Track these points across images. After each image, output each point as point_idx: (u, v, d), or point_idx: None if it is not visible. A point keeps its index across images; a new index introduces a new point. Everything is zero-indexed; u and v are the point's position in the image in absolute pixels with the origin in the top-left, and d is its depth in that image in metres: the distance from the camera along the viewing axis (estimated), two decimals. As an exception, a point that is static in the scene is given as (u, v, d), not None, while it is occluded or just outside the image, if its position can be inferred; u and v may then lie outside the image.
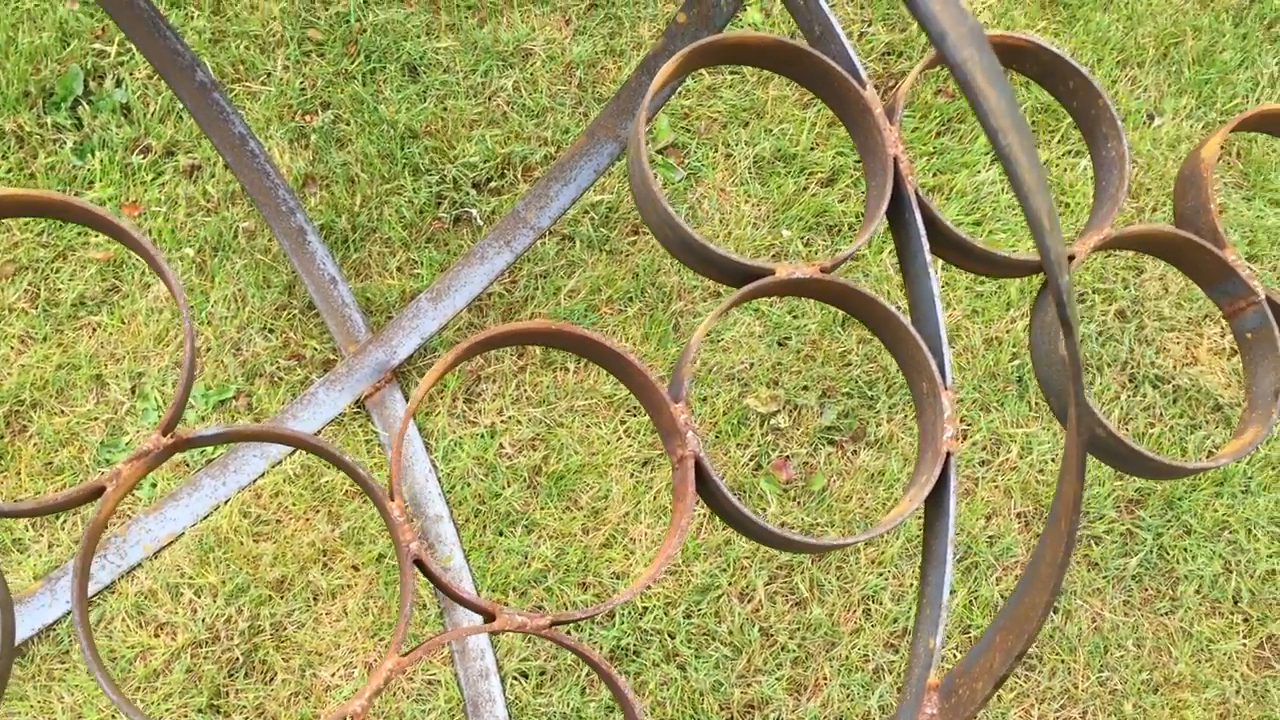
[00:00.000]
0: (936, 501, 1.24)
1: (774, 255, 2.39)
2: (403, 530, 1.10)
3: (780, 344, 2.29)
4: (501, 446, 2.18)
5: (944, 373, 1.24)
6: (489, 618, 1.06)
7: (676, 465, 1.19)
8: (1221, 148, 2.48)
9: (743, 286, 1.24)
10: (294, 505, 2.10)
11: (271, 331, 2.24)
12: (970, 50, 0.57)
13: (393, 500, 1.08)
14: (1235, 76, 2.58)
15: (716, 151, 2.46)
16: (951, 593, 2.08)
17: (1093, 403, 1.25)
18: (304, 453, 2.15)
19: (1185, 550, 2.14)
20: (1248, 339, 1.39)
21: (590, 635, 2.03)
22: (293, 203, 2.12)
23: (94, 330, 2.21)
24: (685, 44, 1.79)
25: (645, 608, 2.06)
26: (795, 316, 2.30)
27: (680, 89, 2.54)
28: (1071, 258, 1.35)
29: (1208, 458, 1.54)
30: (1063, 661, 2.07)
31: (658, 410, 1.19)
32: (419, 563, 1.12)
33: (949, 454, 1.24)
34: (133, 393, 2.16)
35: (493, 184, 2.41)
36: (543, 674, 2.01)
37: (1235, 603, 2.12)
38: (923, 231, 1.32)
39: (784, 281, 1.26)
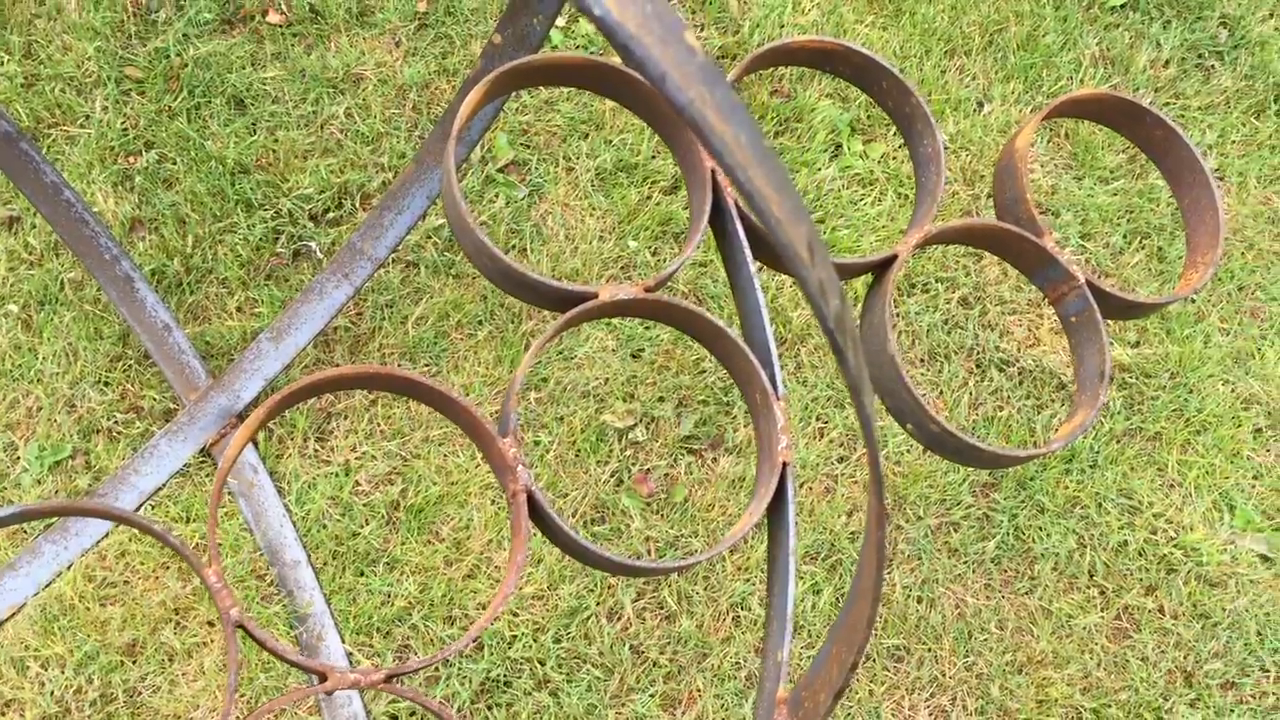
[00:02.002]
0: (777, 512, 1.24)
1: (622, 267, 2.38)
2: (223, 596, 1.05)
3: (634, 356, 2.28)
4: (357, 484, 2.13)
5: (775, 384, 1.24)
6: (321, 678, 1.03)
7: (510, 501, 1.17)
8: (1047, 131, 2.54)
9: (566, 312, 1.23)
10: (141, 564, 2.02)
11: (107, 385, 2.15)
12: (698, 89, 0.55)
13: (210, 567, 1.04)
14: (1058, 59, 2.65)
15: (558, 166, 2.44)
16: (817, 593, 2.10)
17: (922, 397, 1.26)
18: (148, 508, 2.07)
19: (1040, 529, 2.19)
20: (1072, 323, 1.42)
21: (460, 669, 2.00)
22: (116, 250, 2.04)
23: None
24: (502, 64, 1.77)
25: (514, 636, 2.03)
26: (647, 328, 2.29)
27: (518, 104, 2.51)
28: (894, 257, 1.36)
29: (1042, 443, 1.57)
30: (930, 650, 2.10)
31: (487, 446, 1.17)
32: (242, 627, 1.08)
33: (785, 465, 1.24)
34: (-39, 460, 2.06)
35: (330, 215, 2.36)
36: (413, 714, 1.97)
37: (1091, 577, 2.17)
38: (745, 243, 1.31)
39: (608, 304, 1.25)
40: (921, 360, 2.32)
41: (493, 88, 1.30)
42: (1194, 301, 2.43)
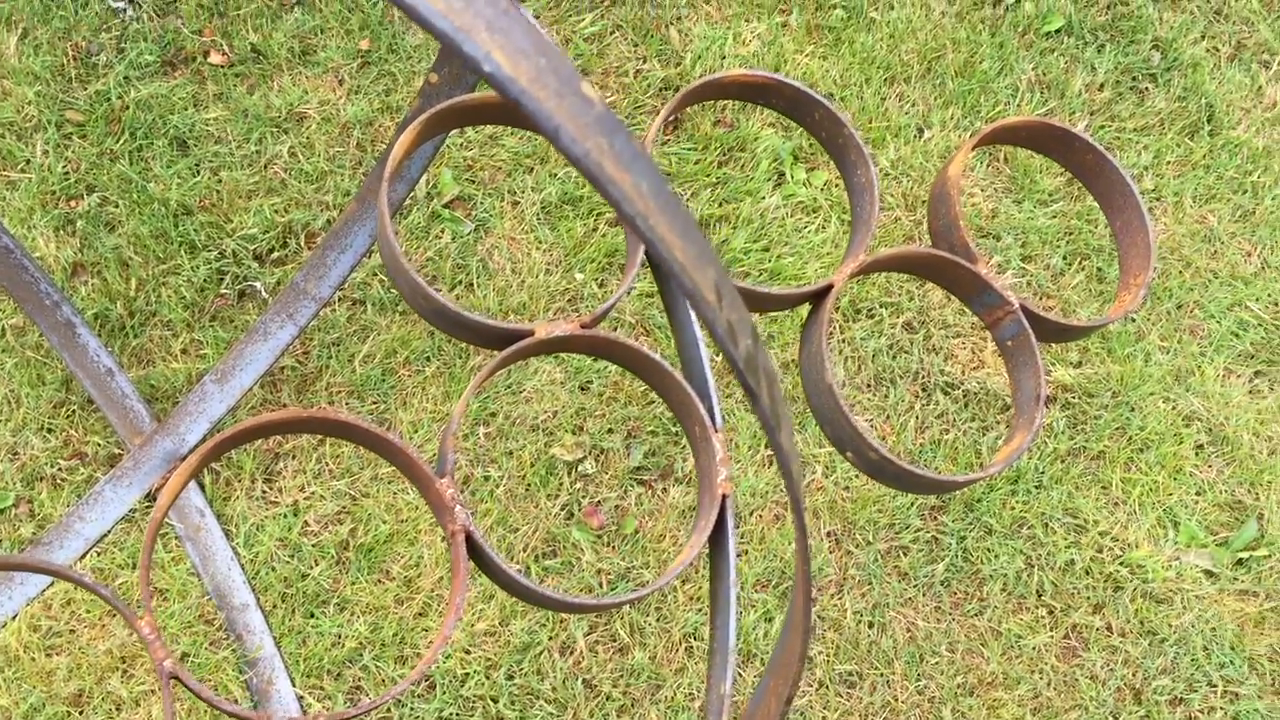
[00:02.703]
0: (718, 544, 1.25)
1: (570, 299, 2.39)
2: (155, 648, 1.05)
3: (582, 389, 2.29)
4: (306, 524, 2.12)
5: (713, 416, 1.25)
6: (255, 728, 1.03)
7: (449, 541, 1.17)
8: (986, 156, 2.58)
9: (504, 349, 1.24)
10: (87, 613, 2.00)
11: (50, 431, 2.13)
12: (595, 139, 0.56)
13: (143, 618, 1.04)
14: (996, 84, 2.69)
15: (503, 200, 2.45)
16: (769, 620, 2.10)
17: (868, 423, 1.27)
18: (94, 555, 2.05)
19: (988, 550, 2.21)
20: (1008, 346, 1.43)
21: (411, 709, 1.99)
22: (57, 295, 2.03)
23: None
24: (438, 104, 1.77)
25: (466, 674, 2.02)
26: (595, 360, 2.30)
27: (462, 139, 2.52)
28: (830, 287, 1.38)
29: (981, 468, 1.59)
30: (881, 675, 2.11)
31: (425, 487, 1.17)
32: (176, 678, 1.08)
33: (724, 496, 1.25)
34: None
35: (275, 254, 2.35)
36: (367, 755, 1.95)
37: (1039, 596, 2.19)
38: (680, 278, 1.33)
39: (544, 341, 1.26)
40: (868, 385, 2.34)
41: (426, 128, 1.31)
42: (1134, 321, 2.46)
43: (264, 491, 2.14)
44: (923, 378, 2.35)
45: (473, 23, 0.54)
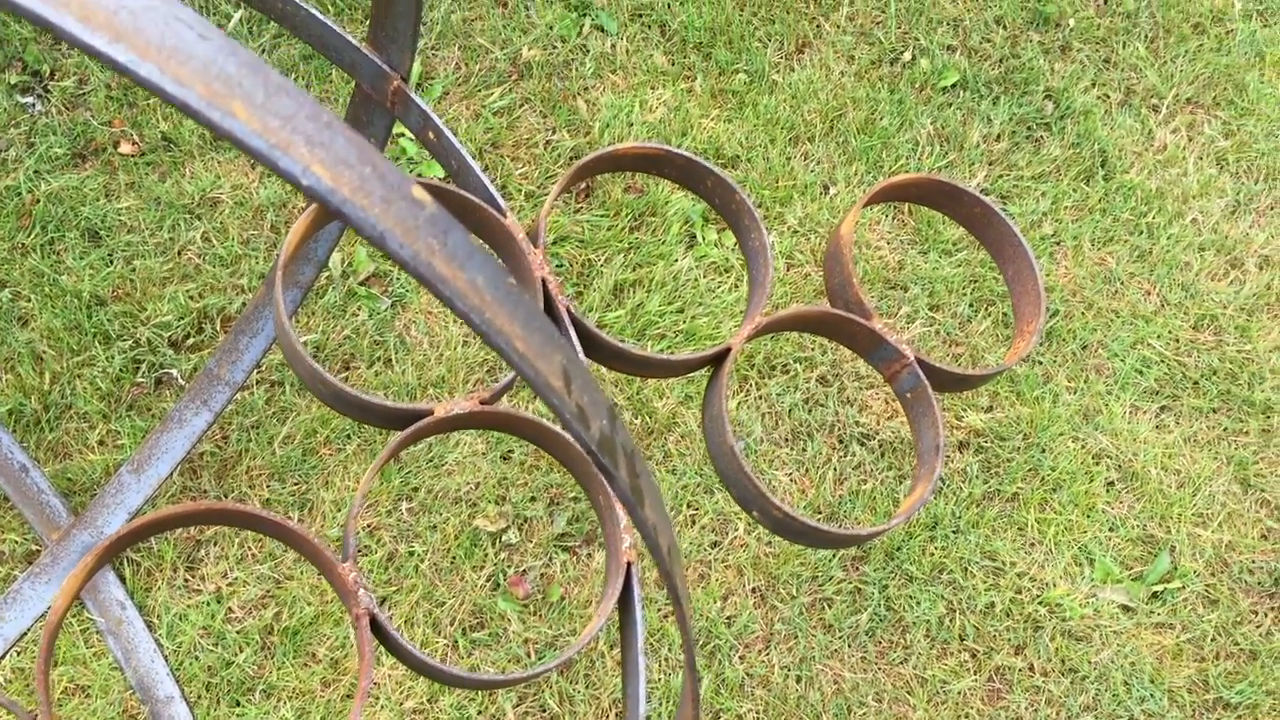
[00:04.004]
0: (625, 611, 1.27)
1: (488, 370, 2.41)
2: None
3: (504, 458, 2.31)
4: (230, 610, 2.12)
5: (614, 487, 1.27)
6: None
7: (354, 625, 1.19)
8: (891, 209, 2.65)
9: (404, 430, 1.26)
10: (8, 715, 1.97)
11: (-35, 531, 2.11)
12: (425, 241, 0.59)
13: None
14: (896, 140, 2.76)
15: (418, 276, 2.47)
16: (699, 679, 2.12)
17: (764, 488, 1.30)
18: (14, 654, 2.03)
19: (910, 598, 2.24)
20: (908, 399, 1.47)
21: (343, 792, 1.98)
22: (-33, 395, 2.02)
23: None
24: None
25: (397, 752, 2.02)
26: (515, 429, 2.31)
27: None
28: (729, 350, 1.42)
29: (887, 519, 1.62)
30: (813, 727, 2.13)
31: (329, 572, 1.19)
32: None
33: (629, 564, 1.28)
34: None
35: (191, 340, 2.36)
36: (298, 842, 1.94)
37: (962, 640, 2.23)
38: (578, 347, 1.36)
39: (444, 420, 1.28)
40: (786, 440, 2.38)
41: (319, 215, 1.33)
42: (1040, 363, 2.53)
43: (186, 580, 2.14)
44: (839, 429, 2.39)
45: (290, 138, 0.55)
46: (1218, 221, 2.77)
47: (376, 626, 1.15)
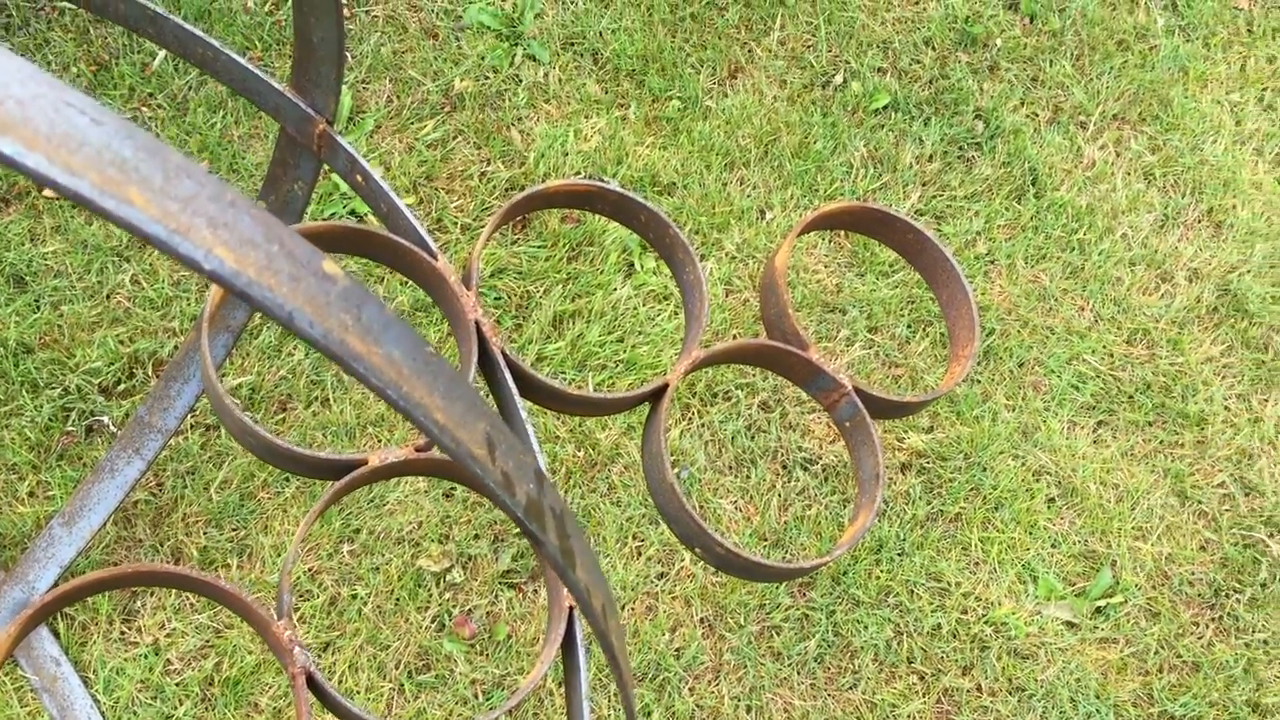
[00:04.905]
0: (568, 655, 1.26)
1: (428, 407, 2.38)
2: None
3: (446, 496, 2.28)
4: (169, 662, 2.07)
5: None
6: None
7: (291, 683, 1.16)
8: (827, 233, 2.66)
9: (339, 480, 1.24)
10: (-62, 779, 1.92)
11: (-110, 590, 2.05)
12: (339, 317, 0.57)
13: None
14: (830, 163, 2.77)
15: (354, 313, 2.44)
16: (647, 715, 2.10)
17: (705, 525, 1.29)
18: (-56, 717, 1.97)
19: (857, 622, 2.24)
20: (847, 427, 1.47)
21: (290, 844, 1.94)
22: (-111, 451, 1.97)
23: None
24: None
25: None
26: (456, 466, 2.29)
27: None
28: (666, 386, 1.41)
29: (833, 544, 1.62)
30: (765, 757, 2.12)
31: (263, 630, 1.16)
32: None
33: (571, 609, 1.26)
34: None
35: (122, 386, 2.31)
36: None
37: (910, 663, 2.23)
38: (514, 389, 1.35)
39: (379, 468, 1.26)
40: (730, 468, 2.38)
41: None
42: (979, 382, 2.55)
43: (123, 633, 2.09)
44: (782, 455, 2.39)
45: (191, 222, 0.53)
46: (1147, 236, 2.81)
47: (314, 684, 1.13)
